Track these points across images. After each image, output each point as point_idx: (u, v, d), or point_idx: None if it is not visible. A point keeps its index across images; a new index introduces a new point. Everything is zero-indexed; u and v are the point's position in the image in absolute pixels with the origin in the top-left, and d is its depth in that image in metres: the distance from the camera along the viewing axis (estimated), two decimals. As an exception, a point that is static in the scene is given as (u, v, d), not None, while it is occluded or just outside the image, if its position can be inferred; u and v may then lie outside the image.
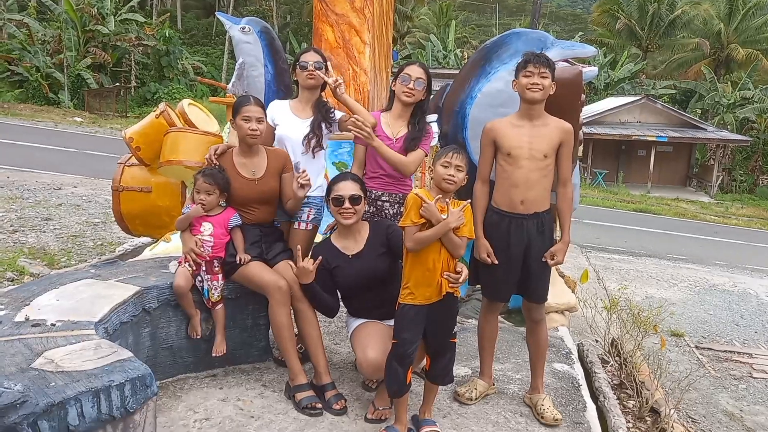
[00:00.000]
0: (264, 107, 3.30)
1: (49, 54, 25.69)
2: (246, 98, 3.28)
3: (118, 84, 27.68)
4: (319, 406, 3.03)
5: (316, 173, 3.48)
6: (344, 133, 3.57)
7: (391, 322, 2.94)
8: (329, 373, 3.20)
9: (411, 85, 3.34)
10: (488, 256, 3.10)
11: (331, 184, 3.12)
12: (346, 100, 3.37)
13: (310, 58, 3.41)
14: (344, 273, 3.09)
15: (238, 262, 3.20)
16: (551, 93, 3.07)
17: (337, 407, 3.05)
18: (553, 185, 3.14)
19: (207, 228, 3.24)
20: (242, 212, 3.31)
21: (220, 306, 3.30)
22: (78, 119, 22.18)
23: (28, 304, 2.64)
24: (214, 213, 3.27)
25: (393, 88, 3.45)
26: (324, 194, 3.45)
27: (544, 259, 3.11)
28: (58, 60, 25.44)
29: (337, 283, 3.15)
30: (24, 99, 24.51)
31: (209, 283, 3.25)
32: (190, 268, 3.23)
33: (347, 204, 3.01)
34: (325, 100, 3.56)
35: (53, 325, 2.45)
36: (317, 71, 3.39)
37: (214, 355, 3.28)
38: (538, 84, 3.00)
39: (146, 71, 29.55)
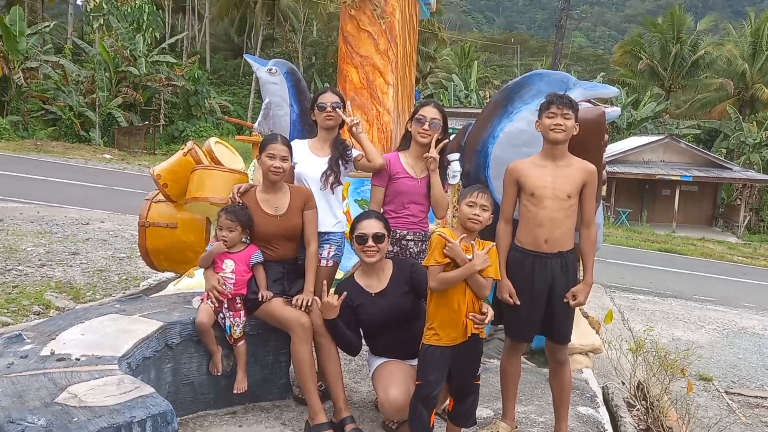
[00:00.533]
0: (290, 147, 3.36)
1: (82, 94, 26.53)
2: (273, 136, 3.35)
3: (147, 122, 28.41)
4: None
5: (334, 209, 3.53)
6: (360, 171, 3.62)
7: (414, 362, 2.92)
8: (348, 407, 3.18)
9: (426, 126, 3.39)
10: (510, 296, 3.08)
11: (355, 222, 3.15)
12: (362, 139, 3.43)
13: (328, 99, 3.49)
14: (367, 311, 3.09)
15: (260, 299, 3.22)
16: (574, 134, 3.08)
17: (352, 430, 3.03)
18: (576, 225, 3.13)
19: (229, 265, 3.27)
20: (265, 249, 3.34)
21: (242, 342, 3.31)
22: (107, 156, 22.74)
23: (54, 338, 2.68)
24: (237, 250, 3.31)
25: (409, 129, 3.49)
26: (343, 230, 3.49)
27: (565, 300, 3.08)
28: (90, 99, 26.26)
29: (360, 321, 3.14)
30: (57, 137, 25.25)
31: (231, 319, 3.27)
32: (212, 305, 3.26)
33: (371, 242, 3.02)
34: (343, 138, 3.62)
35: (78, 359, 2.48)
36: (336, 110, 3.46)
37: (235, 392, 3.28)
38: (561, 125, 3.01)
39: (175, 110, 30.30)
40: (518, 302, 3.07)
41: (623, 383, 4.86)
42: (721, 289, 12.97)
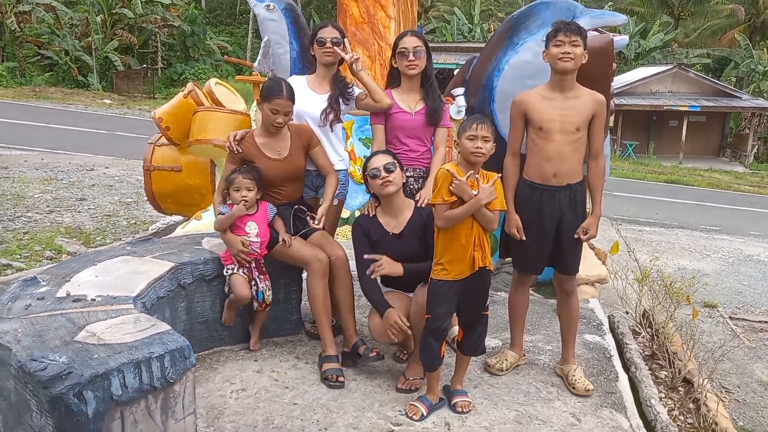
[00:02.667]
0: (293, 99, 3.22)
1: (77, 37, 26.06)
2: (278, 87, 3.17)
3: (145, 65, 27.97)
4: (342, 379, 3.07)
5: (336, 146, 3.51)
6: (360, 111, 3.56)
7: (411, 294, 3.01)
8: (357, 333, 3.27)
9: (411, 58, 3.29)
10: (517, 231, 3.09)
11: (365, 164, 3.12)
12: (362, 76, 3.34)
13: (327, 34, 3.38)
14: (383, 248, 3.10)
15: (282, 242, 3.22)
16: (583, 62, 3.00)
17: (374, 354, 3.13)
18: (584, 157, 3.10)
19: (252, 228, 3.21)
20: (270, 193, 3.31)
21: (269, 308, 3.37)
22: (107, 101, 22.52)
23: (69, 281, 2.72)
24: (254, 211, 3.25)
25: (395, 65, 3.39)
26: (346, 167, 3.48)
27: (576, 236, 3.09)
28: (85, 43, 25.81)
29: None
30: (54, 82, 24.96)
31: (262, 284, 3.29)
32: (244, 275, 3.25)
33: (383, 173, 3.01)
34: (343, 75, 3.55)
35: (93, 300, 2.52)
36: (335, 47, 3.38)
37: (252, 349, 3.38)
38: (569, 53, 2.92)
39: (172, 52, 29.75)
40: (524, 237, 3.08)
41: (628, 312, 4.95)
42: (728, 219, 13.00)
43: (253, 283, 3.27)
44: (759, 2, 31.80)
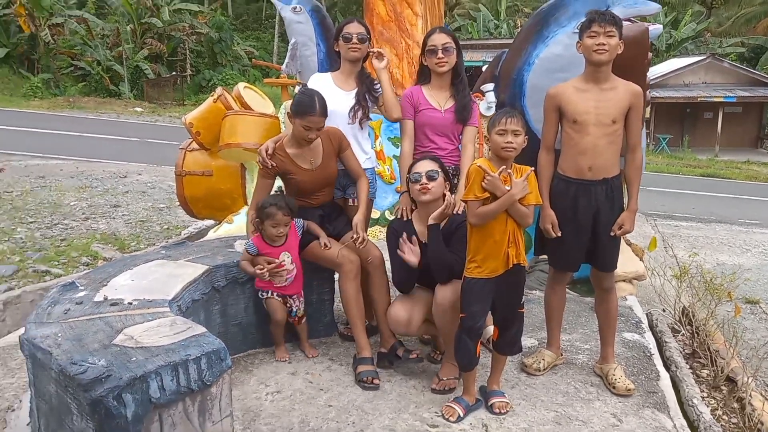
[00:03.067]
0: (326, 113, 3.14)
1: (109, 47, 26.61)
2: (311, 103, 3.05)
3: (174, 73, 28.41)
4: (377, 381, 3.04)
5: (363, 144, 3.48)
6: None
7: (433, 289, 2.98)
8: (394, 334, 3.23)
9: (440, 55, 3.22)
10: (552, 227, 3.03)
11: (411, 166, 3.06)
12: (384, 85, 3.32)
13: (353, 29, 3.35)
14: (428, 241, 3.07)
15: (323, 246, 3.20)
16: (619, 52, 2.92)
17: (413, 356, 3.12)
18: (621, 150, 3.02)
19: (287, 258, 3.19)
20: (305, 199, 3.28)
21: (304, 320, 3.37)
22: (138, 109, 22.94)
23: (106, 285, 2.76)
24: (283, 242, 3.19)
25: (425, 63, 3.33)
26: (373, 166, 3.46)
27: (612, 233, 3.01)
28: (117, 53, 26.33)
29: None
30: (87, 92, 25.53)
31: (296, 303, 3.31)
32: (279, 298, 3.25)
33: (424, 180, 2.94)
34: (368, 72, 3.51)
35: (130, 303, 2.54)
36: (362, 44, 3.35)
37: (309, 356, 3.37)
38: (604, 44, 2.85)
39: (200, 59, 30.15)
40: (559, 233, 3.02)
41: (665, 309, 4.82)
42: (767, 212, 12.62)
43: (287, 305, 3.28)
44: (795, -12, 30.89)
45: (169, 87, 27.20)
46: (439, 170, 2.99)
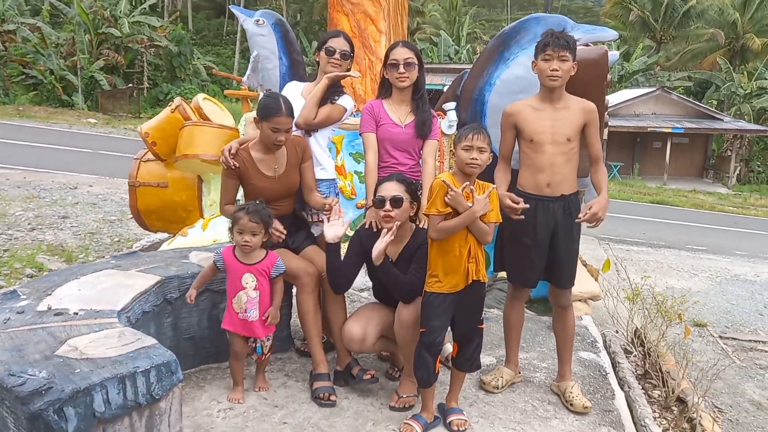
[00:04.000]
0: (293, 114, 3.09)
1: (63, 57, 25.91)
2: (276, 104, 3.00)
3: (131, 85, 27.85)
4: (334, 398, 2.98)
5: (317, 155, 3.40)
6: (350, 124, 3.49)
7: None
8: (350, 353, 3.17)
9: (401, 70, 3.21)
10: (513, 201, 2.92)
11: (378, 185, 2.97)
12: (321, 84, 3.27)
13: (338, 45, 3.32)
14: (376, 268, 3.02)
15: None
16: (572, 74, 2.98)
17: (368, 377, 3.05)
18: (581, 170, 3.06)
19: (250, 280, 2.89)
20: None
21: (269, 355, 3.11)
22: (92, 120, 22.33)
23: (50, 294, 2.62)
24: (256, 260, 2.91)
25: (386, 76, 3.31)
26: (331, 177, 3.44)
27: (579, 218, 2.91)
28: (71, 62, 25.65)
29: (371, 272, 3.07)
30: (38, 101, 24.74)
31: (263, 341, 3.01)
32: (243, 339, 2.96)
33: (387, 205, 2.84)
34: (341, 86, 3.48)
35: (76, 314, 2.42)
36: (344, 61, 3.33)
37: (256, 390, 3.09)
38: (557, 70, 2.91)
39: (158, 72, 29.69)
40: (526, 206, 2.91)
41: (618, 331, 4.90)
42: (713, 239, 13.09)
43: (252, 339, 3.00)
44: (738, 27, 32.53)
45: (125, 99, 26.61)
46: (406, 193, 2.90)
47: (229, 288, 2.94)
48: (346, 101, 3.41)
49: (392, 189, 2.89)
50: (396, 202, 2.86)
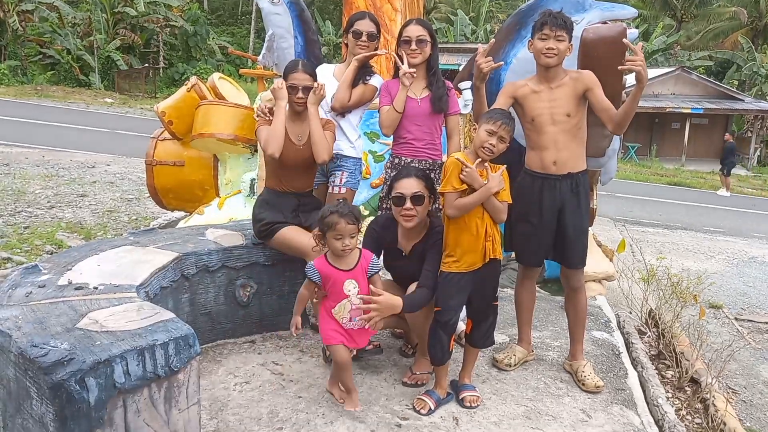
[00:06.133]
0: (313, 74, 3.18)
1: (80, 36, 26.05)
2: (294, 64, 3.18)
3: (147, 65, 27.95)
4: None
5: (347, 133, 3.43)
6: (369, 102, 3.50)
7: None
8: None
9: (413, 47, 3.21)
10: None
11: (393, 181, 2.92)
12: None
13: (364, 27, 3.33)
14: (390, 259, 3.03)
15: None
16: (568, 55, 2.96)
17: (372, 348, 3.11)
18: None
19: (351, 287, 2.66)
20: (281, 179, 3.23)
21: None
22: (109, 100, 22.49)
23: (71, 269, 2.67)
24: (352, 264, 2.67)
25: (400, 53, 3.30)
26: (358, 156, 3.41)
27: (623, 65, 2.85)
28: (88, 42, 25.79)
29: (388, 264, 3.09)
30: (56, 81, 24.93)
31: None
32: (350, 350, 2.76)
33: (408, 204, 2.78)
34: (370, 66, 3.48)
35: (96, 288, 2.47)
36: (371, 42, 3.34)
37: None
38: (553, 49, 2.89)
39: (174, 52, 29.75)
40: (496, 65, 2.97)
41: (632, 312, 4.89)
42: (731, 221, 12.95)
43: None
44: (761, 5, 31.76)
45: (141, 79, 26.73)
46: (425, 189, 2.83)
47: (326, 298, 2.71)
48: (376, 80, 3.43)
49: (412, 186, 2.80)
50: (417, 199, 2.79)
